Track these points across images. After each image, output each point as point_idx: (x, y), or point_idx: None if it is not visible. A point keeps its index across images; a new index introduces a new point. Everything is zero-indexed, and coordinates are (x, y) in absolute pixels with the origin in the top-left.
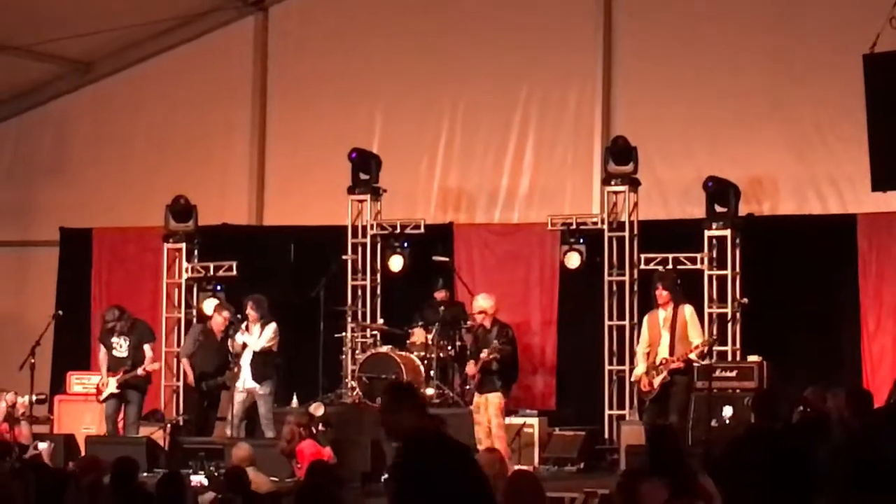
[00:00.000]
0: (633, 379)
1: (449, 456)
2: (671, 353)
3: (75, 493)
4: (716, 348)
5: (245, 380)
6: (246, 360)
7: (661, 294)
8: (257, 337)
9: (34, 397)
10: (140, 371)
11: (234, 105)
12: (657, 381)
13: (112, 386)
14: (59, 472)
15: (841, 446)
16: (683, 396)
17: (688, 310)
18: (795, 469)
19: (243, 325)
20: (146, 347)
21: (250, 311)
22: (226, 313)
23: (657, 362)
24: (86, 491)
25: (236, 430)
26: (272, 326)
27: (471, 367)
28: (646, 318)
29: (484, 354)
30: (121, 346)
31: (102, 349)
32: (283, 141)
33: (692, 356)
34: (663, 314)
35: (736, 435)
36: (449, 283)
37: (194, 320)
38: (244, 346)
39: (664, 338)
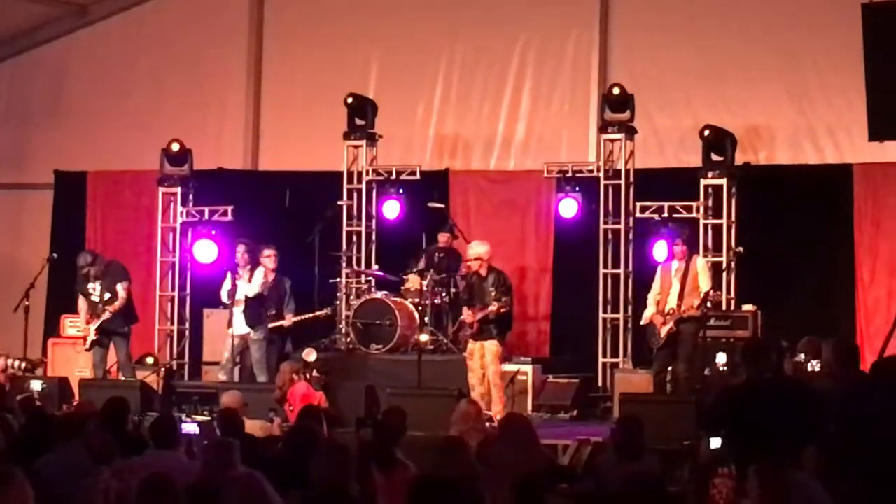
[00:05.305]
0: (642, 322)
1: None
2: (679, 302)
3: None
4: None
5: (238, 325)
6: (238, 306)
7: (682, 249)
8: (247, 282)
9: (23, 364)
10: (106, 314)
11: (231, 49)
12: (664, 332)
13: (92, 333)
14: (49, 417)
15: (828, 398)
16: (690, 345)
17: (699, 262)
18: (786, 417)
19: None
20: (119, 287)
21: (245, 255)
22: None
23: (665, 311)
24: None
25: (229, 375)
26: (260, 271)
27: (468, 315)
28: (659, 268)
29: (493, 307)
30: (95, 291)
31: (81, 298)
32: (278, 86)
33: (695, 303)
34: (676, 265)
35: (727, 384)
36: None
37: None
38: (233, 291)
39: (674, 287)
